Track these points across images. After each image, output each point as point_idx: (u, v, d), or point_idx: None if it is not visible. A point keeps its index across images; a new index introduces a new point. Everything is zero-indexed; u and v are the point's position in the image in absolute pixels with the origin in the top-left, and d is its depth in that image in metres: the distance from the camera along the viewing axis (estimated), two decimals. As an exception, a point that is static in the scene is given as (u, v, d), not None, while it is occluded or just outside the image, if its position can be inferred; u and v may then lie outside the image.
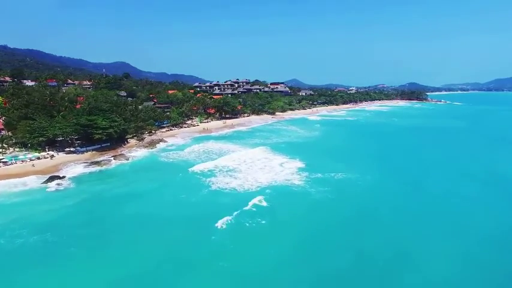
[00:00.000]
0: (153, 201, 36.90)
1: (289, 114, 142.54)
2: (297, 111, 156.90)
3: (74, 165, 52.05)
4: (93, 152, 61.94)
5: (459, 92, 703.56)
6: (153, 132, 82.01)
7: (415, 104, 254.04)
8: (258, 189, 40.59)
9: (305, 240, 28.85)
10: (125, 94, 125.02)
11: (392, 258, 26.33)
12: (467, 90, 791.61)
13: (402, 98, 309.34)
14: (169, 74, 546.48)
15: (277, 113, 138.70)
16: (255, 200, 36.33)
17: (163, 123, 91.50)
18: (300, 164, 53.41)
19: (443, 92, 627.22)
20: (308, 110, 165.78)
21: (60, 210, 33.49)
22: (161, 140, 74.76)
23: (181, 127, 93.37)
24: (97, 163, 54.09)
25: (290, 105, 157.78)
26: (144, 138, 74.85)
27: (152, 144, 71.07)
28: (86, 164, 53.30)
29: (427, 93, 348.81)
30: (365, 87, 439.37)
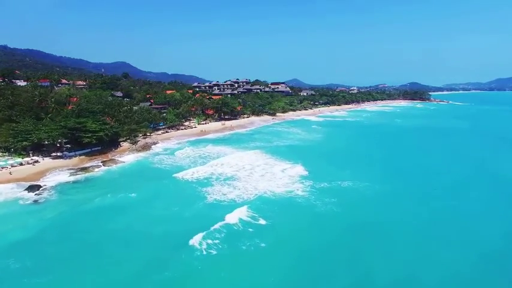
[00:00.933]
0: (140, 216, 32.86)
1: (290, 115, 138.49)
2: (298, 111, 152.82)
3: (58, 172, 48.11)
4: (83, 156, 58.05)
5: (461, 91, 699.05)
6: (148, 134, 78.07)
7: (418, 104, 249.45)
8: (258, 202, 36.50)
9: (310, 267, 24.88)
10: (121, 94, 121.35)
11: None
12: (469, 90, 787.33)
13: (405, 98, 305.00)
14: (170, 74, 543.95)
15: (278, 114, 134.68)
16: (254, 217, 32.36)
17: (159, 125, 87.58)
18: (303, 171, 49.41)
19: (445, 92, 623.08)
20: (310, 111, 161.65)
21: (33, 227, 29.54)
22: (155, 143, 70.87)
23: (177, 129, 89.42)
24: (84, 169, 50.21)
25: (291, 105, 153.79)
26: (138, 141, 70.89)
27: (145, 147, 67.19)
28: (72, 171, 49.35)
29: (430, 93, 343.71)
30: (366, 87, 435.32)
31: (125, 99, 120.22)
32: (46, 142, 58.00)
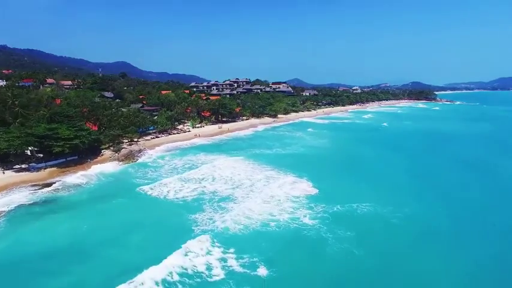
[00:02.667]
0: (102, 266, 24.49)
1: (292, 117, 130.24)
2: (301, 113, 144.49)
3: (16, 190, 40.04)
4: (54, 168, 50.02)
5: (464, 91, 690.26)
6: (135, 141, 69.99)
7: (427, 105, 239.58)
8: (259, 238, 28.29)
9: None
10: (112, 95, 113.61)
11: None
12: (472, 89, 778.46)
13: (410, 98, 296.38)
14: (171, 73, 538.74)
15: (279, 116, 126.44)
16: (253, 264, 24.24)
17: (148, 130, 79.49)
18: (310, 188, 41.25)
19: (449, 91, 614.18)
20: (313, 112, 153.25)
21: None
22: (142, 151, 62.74)
23: (169, 134, 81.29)
24: (49, 186, 42.17)
25: (294, 106, 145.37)
26: (122, 148, 62.73)
27: (129, 157, 59.15)
28: (35, 188, 41.34)
29: (436, 93, 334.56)
30: (368, 87, 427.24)
31: (117, 100, 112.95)
32: (11, 151, 50.06)
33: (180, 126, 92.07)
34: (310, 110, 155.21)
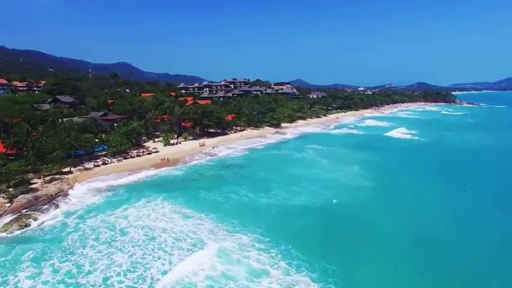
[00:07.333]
0: None
1: (300, 126, 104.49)
2: (309, 120, 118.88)
3: None
4: None
5: (473, 91, 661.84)
6: (65, 172, 45.32)
7: (449, 108, 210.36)
8: None
9: None
10: (70, 100, 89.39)
11: None
12: (481, 89, 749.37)
13: (427, 100, 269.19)
14: (172, 74, 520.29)
15: (283, 124, 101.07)
16: None
17: (94, 151, 54.64)
18: None
19: (458, 92, 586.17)
20: (323, 119, 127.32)
21: None
22: (58, 197, 37.99)
23: (126, 157, 56.10)
24: None
25: (300, 111, 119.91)
26: (24, 193, 37.91)
27: (33, 207, 34.71)
28: None
29: (454, 94, 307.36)
30: (373, 87, 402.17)
31: (81, 106, 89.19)
32: None
33: (148, 143, 67.19)
34: (320, 116, 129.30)
